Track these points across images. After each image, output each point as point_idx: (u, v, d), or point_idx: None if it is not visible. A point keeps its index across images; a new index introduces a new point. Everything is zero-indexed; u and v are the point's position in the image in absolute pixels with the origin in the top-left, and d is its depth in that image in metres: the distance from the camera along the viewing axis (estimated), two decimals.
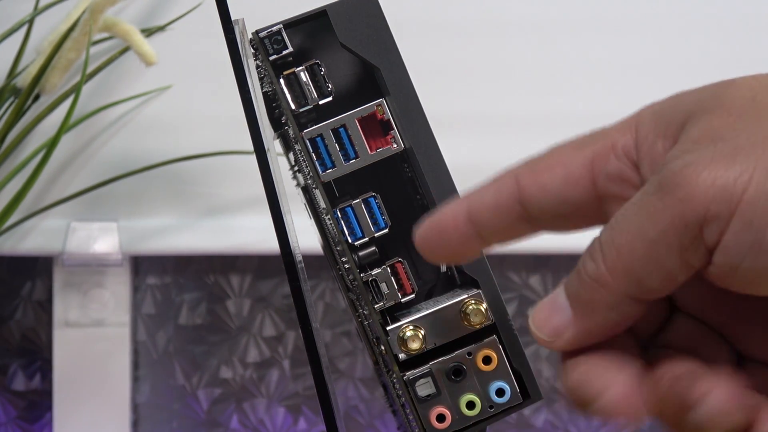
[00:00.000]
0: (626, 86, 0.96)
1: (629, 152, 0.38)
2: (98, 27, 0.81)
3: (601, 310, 0.37)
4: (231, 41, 0.50)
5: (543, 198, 0.39)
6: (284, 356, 1.00)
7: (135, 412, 1.00)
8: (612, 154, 0.39)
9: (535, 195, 0.39)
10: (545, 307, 0.39)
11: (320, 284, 0.99)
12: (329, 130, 0.50)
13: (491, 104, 0.96)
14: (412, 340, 0.50)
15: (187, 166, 0.94)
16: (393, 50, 0.50)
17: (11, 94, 0.87)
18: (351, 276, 0.50)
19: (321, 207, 0.51)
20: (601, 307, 0.37)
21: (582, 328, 0.38)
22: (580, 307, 0.38)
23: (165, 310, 0.99)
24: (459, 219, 0.40)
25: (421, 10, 0.95)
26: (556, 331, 0.38)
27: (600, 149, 0.39)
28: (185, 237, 0.95)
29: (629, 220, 0.36)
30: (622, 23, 0.96)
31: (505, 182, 0.40)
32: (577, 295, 0.38)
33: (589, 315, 0.38)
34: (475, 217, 0.40)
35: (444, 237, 0.40)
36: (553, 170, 0.39)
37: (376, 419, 1.01)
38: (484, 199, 0.40)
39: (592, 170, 0.39)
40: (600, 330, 0.38)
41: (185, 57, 0.94)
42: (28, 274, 0.99)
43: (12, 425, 1.00)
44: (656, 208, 0.35)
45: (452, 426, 0.50)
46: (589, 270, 0.37)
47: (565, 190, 0.39)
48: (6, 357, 0.99)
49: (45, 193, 0.94)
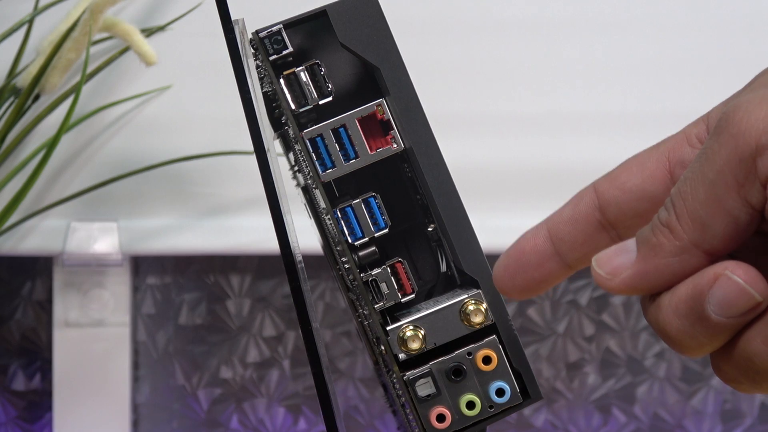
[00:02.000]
0: (626, 86, 0.96)
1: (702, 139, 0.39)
2: (98, 27, 0.81)
3: (664, 254, 0.37)
4: (231, 41, 0.50)
5: (622, 197, 0.40)
6: (284, 356, 1.00)
7: (135, 412, 1.00)
8: (685, 144, 0.40)
9: (613, 196, 0.40)
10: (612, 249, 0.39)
11: (320, 284, 0.99)
12: (329, 130, 0.50)
13: (491, 104, 0.96)
14: (412, 340, 0.50)
15: (187, 166, 0.94)
16: (393, 50, 0.50)
17: (11, 94, 0.87)
18: (351, 276, 0.50)
19: (321, 207, 0.51)
20: (665, 251, 0.37)
21: (641, 269, 0.38)
22: (645, 249, 0.38)
23: (165, 310, 0.99)
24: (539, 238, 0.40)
25: (421, 10, 0.95)
26: (615, 270, 0.38)
27: (674, 143, 0.40)
28: (185, 237, 0.95)
29: (693, 168, 0.37)
30: (622, 23, 0.96)
31: (583, 193, 0.40)
32: (646, 239, 0.38)
33: (652, 258, 0.38)
34: (554, 233, 0.40)
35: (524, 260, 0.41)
36: (630, 170, 0.40)
37: (376, 419, 1.01)
38: (563, 215, 0.40)
39: (668, 162, 0.40)
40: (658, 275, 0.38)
41: (185, 57, 0.94)
42: (28, 274, 0.99)
43: (12, 425, 1.00)
44: (713, 150, 0.36)
45: (452, 426, 0.50)
46: (662, 217, 0.37)
47: (643, 186, 0.40)
48: (6, 357, 0.99)
49: (45, 193, 0.94)
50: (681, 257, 0.37)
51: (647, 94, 0.95)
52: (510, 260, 0.41)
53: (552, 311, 1.00)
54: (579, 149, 0.95)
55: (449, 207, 0.50)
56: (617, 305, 1.00)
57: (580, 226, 0.40)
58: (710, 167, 0.36)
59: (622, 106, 0.95)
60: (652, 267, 0.38)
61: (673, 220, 0.37)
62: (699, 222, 0.37)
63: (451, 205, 0.50)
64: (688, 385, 1.01)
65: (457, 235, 0.50)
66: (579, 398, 1.01)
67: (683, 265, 0.37)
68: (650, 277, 0.38)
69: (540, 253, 0.40)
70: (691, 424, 1.01)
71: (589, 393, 1.01)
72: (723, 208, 0.36)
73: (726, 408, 1.01)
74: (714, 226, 0.37)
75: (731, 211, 0.36)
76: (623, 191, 0.40)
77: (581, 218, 0.40)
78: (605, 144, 0.94)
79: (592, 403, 1.01)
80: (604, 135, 0.95)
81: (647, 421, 1.01)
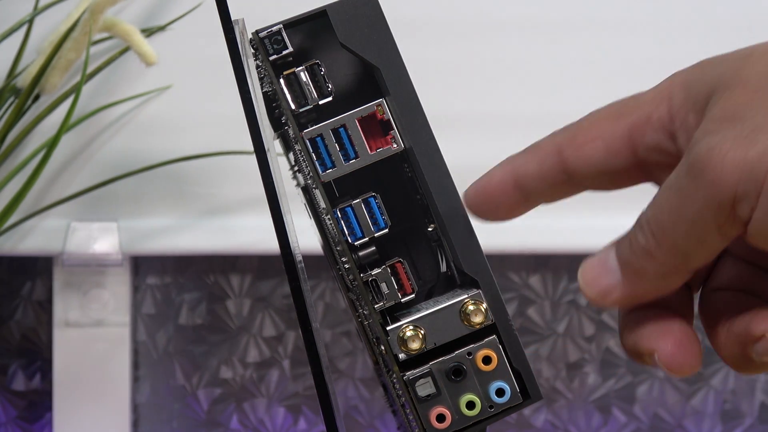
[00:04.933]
0: (626, 86, 0.95)
1: (665, 124, 0.41)
2: (98, 27, 0.81)
3: (650, 279, 0.40)
4: (231, 41, 0.50)
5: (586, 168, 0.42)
6: (284, 356, 1.00)
7: (135, 412, 1.00)
8: (648, 126, 0.41)
9: (579, 166, 0.42)
10: (595, 265, 0.41)
11: (320, 284, 0.99)
12: (329, 130, 0.50)
13: (491, 104, 0.96)
14: (412, 340, 0.49)
15: (187, 166, 0.94)
16: (393, 50, 0.50)
17: (11, 94, 0.87)
18: (351, 276, 0.50)
19: (321, 207, 0.51)
20: (650, 275, 0.40)
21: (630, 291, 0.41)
22: (630, 273, 0.40)
23: (165, 310, 0.99)
24: (507, 185, 0.43)
25: (421, 10, 0.95)
26: (605, 291, 0.41)
27: (636, 121, 0.42)
28: (185, 237, 0.95)
29: (670, 201, 0.38)
30: (622, 23, 0.96)
31: (547, 152, 0.43)
32: (628, 263, 0.40)
33: (639, 282, 0.40)
34: (522, 184, 0.43)
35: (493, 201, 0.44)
36: (594, 143, 0.42)
37: (376, 419, 1.01)
38: (529, 168, 0.43)
39: (631, 141, 0.41)
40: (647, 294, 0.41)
41: (185, 57, 0.94)
42: (28, 274, 0.99)
43: (12, 425, 1.00)
44: (690, 190, 0.38)
45: (452, 426, 0.50)
46: (640, 242, 0.39)
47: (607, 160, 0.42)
48: (6, 357, 0.99)
49: (45, 193, 0.94)
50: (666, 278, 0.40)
51: None
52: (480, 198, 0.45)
53: (552, 311, 1.00)
54: None
55: (449, 207, 0.50)
56: None
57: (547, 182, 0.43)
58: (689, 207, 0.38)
59: None
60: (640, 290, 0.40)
61: (653, 247, 0.39)
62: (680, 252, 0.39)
63: (451, 205, 0.50)
64: (688, 385, 1.01)
65: (457, 235, 0.50)
66: (579, 398, 1.01)
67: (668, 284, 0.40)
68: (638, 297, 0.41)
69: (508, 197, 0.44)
70: (691, 424, 1.01)
71: (589, 393, 1.01)
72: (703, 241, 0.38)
73: (726, 408, 1.01)
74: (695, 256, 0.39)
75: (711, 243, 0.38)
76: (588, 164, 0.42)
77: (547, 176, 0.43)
78: None
79: (592, 403, 1.01)
80: None
81: (647, 421, 1.01)
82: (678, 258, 0.39)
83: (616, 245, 0.41)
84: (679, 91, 0.41)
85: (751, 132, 0.37)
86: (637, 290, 0.40)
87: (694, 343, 0.41)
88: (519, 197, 0.43)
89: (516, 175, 0.43)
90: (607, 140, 0.42)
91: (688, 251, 0.39)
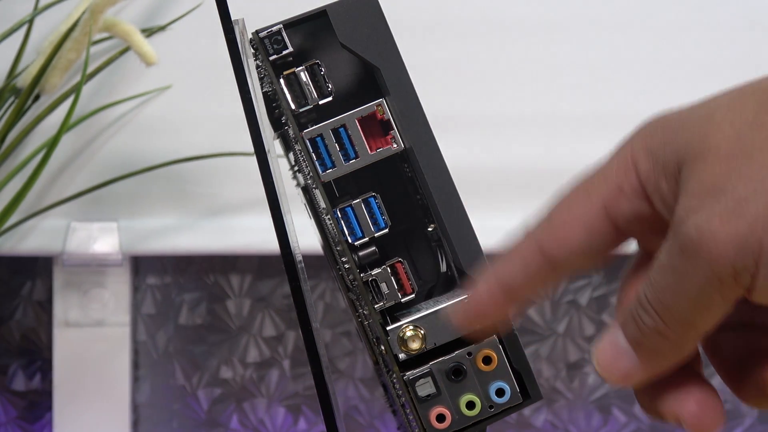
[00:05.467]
0: (626, 86, 0.96)
1: (637, 191, 0.41)
2: (98, 27, 0.81)
3: (666, 355, 0.40)
4: (231, 41, 0.50)
5: (570, 255, 0.42)
6: (284, 356, 1.00)
7: (135, 412, 1.00)
8: (621, 197, 0.41)
9: (562, 255, 0.42)
10: (608, 349, 0.42)
11: (320, 284, 0.99)
12: (329, 130, 0.50)
13: (491, 104, 0.96)
14: (412, 340, 0.50)
15: (187, 166, 0.94)
16: (393, 50, 0.50)
17: (11, 94, 0.87)
18: (351, 276, 0.50)
19: (321, 207, 0.51)
20: (665, 352, 0.40)
21: (650, 370, 0.41)
22: (645, 354, 0.41)
23: (165, 310, 0.99)
24: (495, 296, 0.43)
25: (421, 10, 0.95)
26: (625, 375, 0.41)
27: (608, 194, 0.41)
28: (185, 237, 0.95)
29: (668, 281, 0.39)
30: (622, 23, 0.96)
31: (528, 253, 0.42)
32: (641, 344, 0.40)
33: (656, 359, 0.41)
34: (510, 289, 0.42)
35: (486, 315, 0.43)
36: (572, 227, 0.42)
37: (376, 419, 1.01)
38: (515, 275, 0.42)
39: (608, 215, 0.41)
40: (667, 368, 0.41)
41: (185, 57, 0.94)
42: (28, 274, 0.99)
43: (12, 425, 1.00)
44: (688, 271, 0.38)
45: (452, 426, 0.50)
46: (647, 322, 0.40)
47: (590, 241, 0.41)
48: (6, 357, 0.99)
49: (45, 193, 0.94)
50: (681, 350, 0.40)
51: (647, 94, 0.95)
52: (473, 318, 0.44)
53: (552, 311, 1.00)
54: (579, 149, 0.95)
55: (449, 207, 0.50)
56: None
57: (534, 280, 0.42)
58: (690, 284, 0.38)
59: (622, 106, 0.95)
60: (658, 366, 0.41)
61: (661, 326, 0.39)
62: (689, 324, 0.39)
63: (451, 205, 0.50)
64: None
65: (457, 235, 0.50)
66: (579, 398, 1.01)
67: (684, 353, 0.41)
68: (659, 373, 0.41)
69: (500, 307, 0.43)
70: None
71: (589, 393, 1.01)
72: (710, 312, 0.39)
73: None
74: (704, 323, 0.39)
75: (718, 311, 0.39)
76: (571, 251, 0.41)
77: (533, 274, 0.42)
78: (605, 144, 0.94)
79: (592, 403, 1.01)
80: (603, 135, 0.95)
81: (647, 421, 1.01)
82: (688, 330, 0.39)
83: (621, 326, 0.41)
84: (643, 159, 0.41)
85: (735, 205, 0.37)
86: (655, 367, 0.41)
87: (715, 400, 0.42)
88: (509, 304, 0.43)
89: (503, 285, 0.43)
90: (585, 223, 0.41)
91: (696, 322, 0.39)
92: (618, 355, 0.41)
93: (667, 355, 0.40)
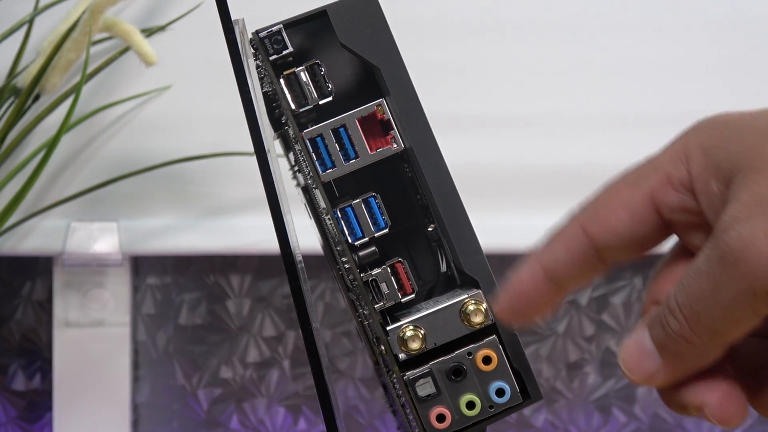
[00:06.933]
0: (627, 86, 0.96)
1: (686, 184, 0.41)
2: (98, 27, 0.81)
3: (690, 360, 0.41)
4: (231, 41, 0.50)
5: (615, 240, 0.42)
6: (284, 356, 1.00)
7: (135, 412, 1.00)
8: (669, 187, 0.41)
9: (607, 240, 0.42)
10: (633, 349, 0.42)
11: (320, 284, 0.99)
12: (329, 130, 0.50)
13: (491, 104, 0.96)
14: (412, 340, 0.50)
15: (187, 166, 0.94)
16: (393, 50, 0.50)
17: (11, 94, 0.87)
18: (351, 276, 0.50)
19: (321, 207, 0.51)
20: (690, 357, 0.41)
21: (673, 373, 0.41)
22: (669, 357, 0.41)
23: (165, 310, 0.99)
24: (539, 281, 0.43)
25: (422, 10, 0.95)
26: (649, 376, 0.41)
27: (656, 184, 0.42)
28: (185, 237, 0.95)
29: (701, 287, 0.39)
30: (622, 23, 0.96)
31: (572, 234, 0.42)
32: (666, 347, 0.41)
33: (680, 363, 0.41)
34: (554, 274, 0.43)
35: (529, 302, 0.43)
36: (618, 213, 0.42)
37: (376, 419, 1.01)
38: (558, 256, 0.42)
39: (654, 204, 0.42)
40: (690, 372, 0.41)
41: (185, 57, 0.94)
42: (28, 274, 0.99)
43: (12, 425, 1.00)
44: (723, 280, 0.38)
45: (452, 426, 0.50)
46: (674, 327, 0.40)
47: (633, 228, 0.42)
48: (6, 357, 0.99)
49: (45, 193, 0.94)
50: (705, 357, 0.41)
51: (647, 94, 0.95)
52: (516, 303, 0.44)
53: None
54: (579, 149, 0.95)
55: (449, 207, 0.50)
56: (617, 305, 1.00)
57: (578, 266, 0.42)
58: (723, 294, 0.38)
59: (623, 106, 0.95)
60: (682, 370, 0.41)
61: (687, 333, 0.40)
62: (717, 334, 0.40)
63: (451, 205, 0.50)
64: None
65: (457, 235, 0.50)
66: (579, 398, 1.01)
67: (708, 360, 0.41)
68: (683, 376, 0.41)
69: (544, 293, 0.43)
70: (691, 424, 1.01)
71: (589, 393, 1.01)
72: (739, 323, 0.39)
73: None
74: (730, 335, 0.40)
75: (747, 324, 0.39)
76: (616, 236, 0.42)
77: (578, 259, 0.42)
78: (605, 144, 0.94)
79: (592, 403, 1.01)
80: (604, 135, 0.95)
81: (647, 421, 1.01)
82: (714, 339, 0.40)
83: (648, 326, 0.41)
84: (697, 155, 0.41)
85: None
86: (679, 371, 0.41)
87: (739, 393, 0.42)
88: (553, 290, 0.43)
89: (546, 267, 0.43)
90: (630, 208, 0.42)
91: (724, 332, 0.39)
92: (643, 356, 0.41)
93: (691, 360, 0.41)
